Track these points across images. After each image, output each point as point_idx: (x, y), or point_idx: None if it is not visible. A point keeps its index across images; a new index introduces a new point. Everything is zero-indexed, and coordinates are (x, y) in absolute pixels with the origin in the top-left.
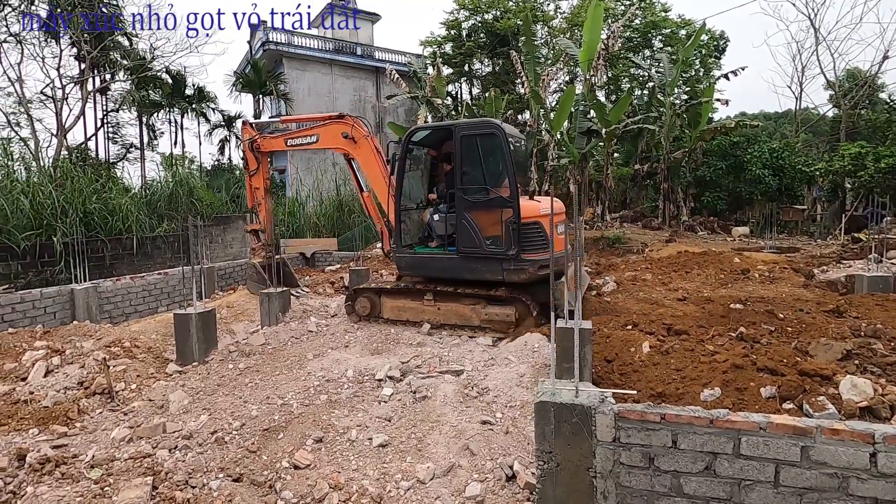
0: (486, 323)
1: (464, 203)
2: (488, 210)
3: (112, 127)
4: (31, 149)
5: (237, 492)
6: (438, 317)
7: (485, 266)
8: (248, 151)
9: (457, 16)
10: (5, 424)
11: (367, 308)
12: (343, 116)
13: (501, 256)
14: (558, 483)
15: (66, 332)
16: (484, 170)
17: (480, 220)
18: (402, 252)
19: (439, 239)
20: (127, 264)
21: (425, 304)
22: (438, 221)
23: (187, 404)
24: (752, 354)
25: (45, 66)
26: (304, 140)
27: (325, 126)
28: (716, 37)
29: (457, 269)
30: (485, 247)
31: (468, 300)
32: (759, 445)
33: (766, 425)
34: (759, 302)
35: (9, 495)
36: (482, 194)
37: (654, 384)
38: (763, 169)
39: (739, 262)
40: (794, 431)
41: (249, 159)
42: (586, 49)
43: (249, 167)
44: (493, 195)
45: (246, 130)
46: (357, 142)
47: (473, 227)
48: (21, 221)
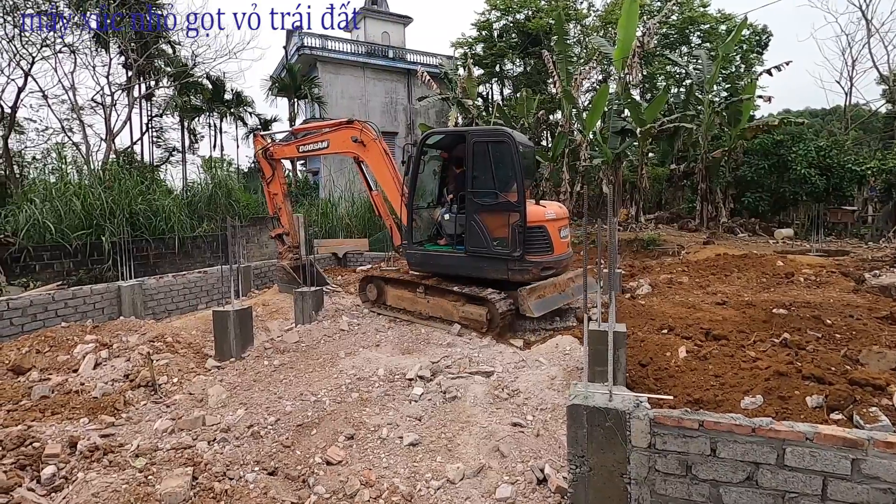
0: (462, 319)
1: (474, 205)
2: (496, 213)
3: (156, 131)
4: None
5: (272, 485)
6: (428, 309)
7: (491, 265)
8: (262, 160)
9: (488, 16)
10: (59, 413)
11: (375, 294)
12: (352, 122)
13: (507, 257)
14: (591, 488)
15: (113, 327)
16: (494, 175)
17: (489, 222)
18: (413, 249)
19: (448, 238)
20: (169, 263)
21: (418, 297)
22: (449, 221)
23: (225, 398)
24: (797, 362)
25: (95, 74)
26: (316, 146)
27: (335, 132)
28: (758, 31)
29: (464, 267)
30: (492, 247)
31: (451, 297)
32: (806, 457)
33: (814, 436)
34: (804, 307)
35: (62, 480)
36: (491, 198)
37: (692, 390)
38: (809, 168)
39: (783, 265)
40: (844, 443)
41: (264, 167)
42: (621, 47)
43: (265, 175)
44: (502, 199)
45: (257, 140)
46: (366, 145)
47: (482, 228)
48: (73, 222)
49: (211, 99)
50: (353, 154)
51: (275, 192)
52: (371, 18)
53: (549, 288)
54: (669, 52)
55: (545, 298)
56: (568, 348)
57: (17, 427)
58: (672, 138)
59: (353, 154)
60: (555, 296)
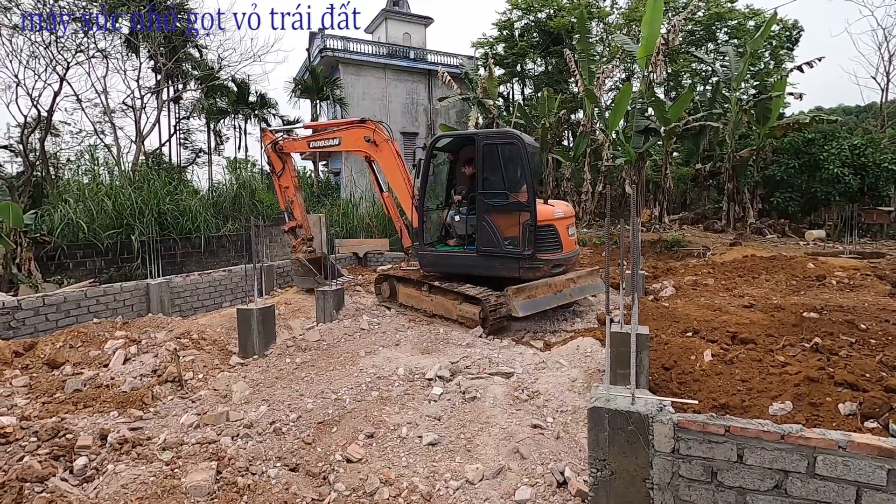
0: (460, 318)
1: (484, 206)
2: (507, 213)
3: (183, 133)
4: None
5: (293, 481)
6: (432, 307)
7: (502, 264)
8: (272, 153)
9: (509, 16)
10: (90, 406)
11: (388, 291)
12: (365, 121)
13: (518, 255)
14: (612, 492)
15: (142, 324)
16: (504, 176)
17: (499, 221)
18: (425, 250)
19: (459, 238)
20: (195, 261)
21: (423, 295)
22: (459, 222)
23: (248, 395)
24: (829, 367)
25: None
26: (327, 142)
27: (347, 130)
28: (788, 27)
29: (476, 266)
30: (503, 246)
31: (450, 296)
32: (838, 466)
33: (847, 444)
34: (836, 311)
35: (93, 471)
36: (502, 198)
37: (717, 395)
38: (842, 167)
39: (814, 267)
40: (880, 452)
41: (274, 161)
42: (644, 44)
43: (275, 169)
44: (512, 199)
45: (266, 136)
46: (378, 145)
47: (493, 228)
48: (104, 221)
49: (236, 101)
50: (365, 153)
51: (286, 185)
52: (392, 20)
53: (542, 288)
54: (695, 49)
55: (535, 299)
56: (589, 350)
57: (51, 419)
58: (697, 137)
59: (364, 153)
60: (548, 296)
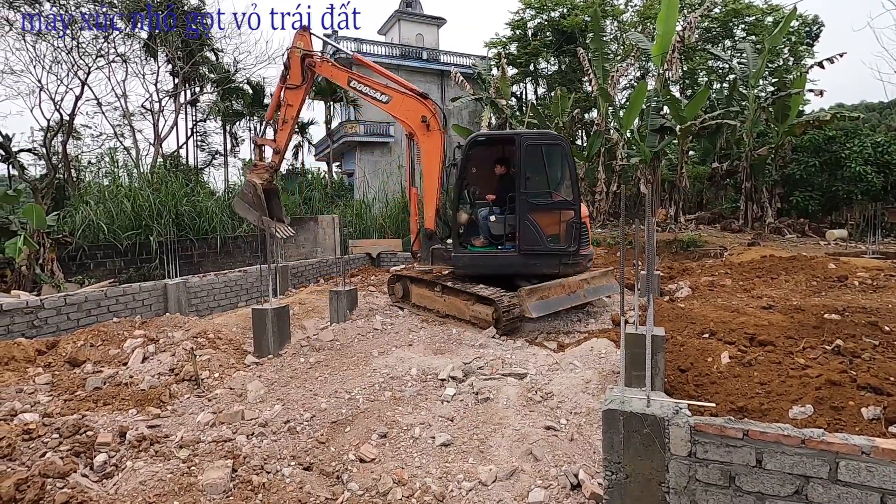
0: (472, 318)
1: (527, 205)
2: (549, 211)
3: (200, 136)
4: (132, 157)
5: (307, 480)
6: (444, 307)
7: (543, 262)
8: (297, 62)
9: (522, 15)
10: (110, 404)
11: (401, 291)
12: (427, 98)
13: (562, 252)
14: (627, 496)
15: (160, 323)
16: (547, 175)
17: (542, 220)
18: (460, 251)
19: (492, 238)
20: (211, 262)
21: (436, 295)
22: (495, 222)
23: (263, 394)
24: (851, 370)
25: (145, 81)
26: (373, 93)
27: (404, 95)
28: (808, 22)
29: (515, 266)
30: (546, 244)
31: (463, 297)
32: (861, 471)
33: (871, 449)
34: (859, 312)
35: (112, 467)
36: (545, 198)
37: (735, 398)
38: (865, 165)
39: (835, 267)
40: None
41: (294, 71)
42: (660, 42)
43: (290, 79)
44: (556, 198)
45: (301, 37)
46: (431, 131)
47: (536, 226)
48: (124, 222)
49: (251, 103)
50: (412, 130)
51: (291, 102)
52: (405, 21)
53: (556, 289)
54: (711, 46)
55: (548, 300)
56: (603, 351)
57: (72, 416)
58: (714, 136)
59: (411, 129)
60: (561, 297)
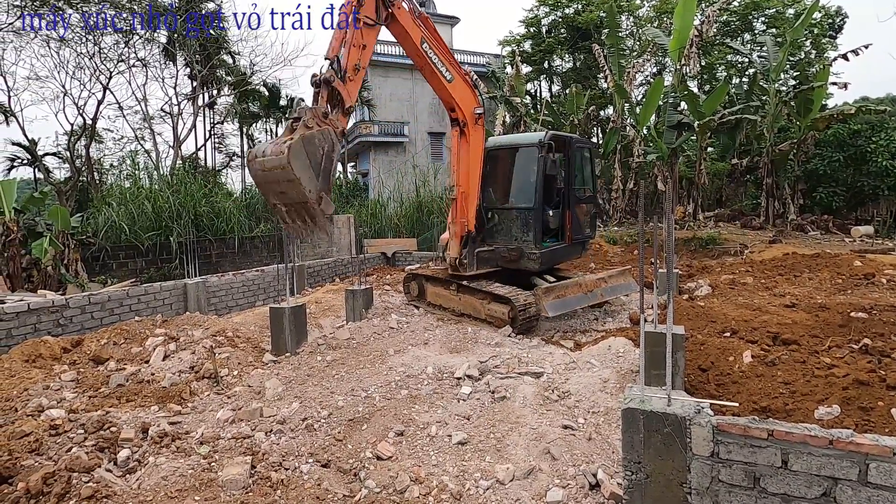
0: (488, 317)
1: (575, 200)
2: (585, 205)
3: (218, 138)
4: (152, 159)
5: (325, 477)
6: (460, 306)
7: (576, 250)
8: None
9: (536, 12)
10: (133, 400)
11: (417, 290)
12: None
13: (587, 238)
14: (647, 496)
15: (180, 322)
16: (583, 174)
17: (580, 212)
18: (541, 249)
19: (551, 233)
20: (230, 262)
21: (451, 294)
22: (553, 217)
23: (281, 392)
24: (880, 370)
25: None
26: (441, 65)
27: (465, 81)
28: (831, 13)
29: (567, 254)
30: (584, 232)
31: (479, 295)
32: (893, 474)
33: None
34: (887, 311)
35: (135, 463)
36: (581, 193)
37: (758, 397)
38: (892, 160)
39: (861, 265)
40: None
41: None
42: (677, 37)
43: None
44: (588, 193)
45: None
46: (479, 125)
47: (577, 218)
48: (145, 223)
49: (268, 105)
50: (464, 119)
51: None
52: None
53: (572, 288)
54: (730, 40)
55: (565, 299)
56: (621, 350)
57: (97, 412)
58: (734, 131)
59: (464, 118)
60: (578, 296)
